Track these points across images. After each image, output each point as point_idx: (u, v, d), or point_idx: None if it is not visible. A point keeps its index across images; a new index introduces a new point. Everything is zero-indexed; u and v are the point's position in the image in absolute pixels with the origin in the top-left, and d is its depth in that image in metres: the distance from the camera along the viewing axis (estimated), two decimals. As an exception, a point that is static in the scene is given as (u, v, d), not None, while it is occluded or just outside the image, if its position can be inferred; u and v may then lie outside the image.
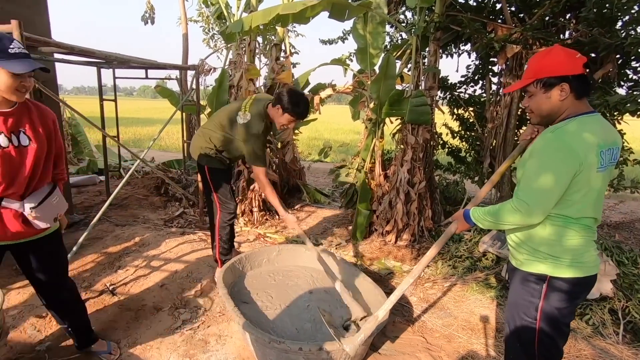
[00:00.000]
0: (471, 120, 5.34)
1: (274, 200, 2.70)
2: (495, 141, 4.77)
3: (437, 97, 4.41)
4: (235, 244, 3.66)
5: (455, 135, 5.44)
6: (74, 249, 2.44)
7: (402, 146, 3.95)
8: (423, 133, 3.90)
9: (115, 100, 4.95)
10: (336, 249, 3.97)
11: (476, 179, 5.33)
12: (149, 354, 2.17)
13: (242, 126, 2.59)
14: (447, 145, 5.47)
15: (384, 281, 3.31)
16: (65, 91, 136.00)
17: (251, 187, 4.56)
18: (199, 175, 2.93)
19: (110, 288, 2.72)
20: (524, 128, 4.90)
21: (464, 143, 5.48)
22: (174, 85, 5.66)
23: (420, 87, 4.02)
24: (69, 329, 2.05)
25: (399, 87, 4.23)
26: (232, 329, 2.40)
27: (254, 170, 2.71)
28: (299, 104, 2.55)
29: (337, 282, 2.41)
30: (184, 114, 5.72)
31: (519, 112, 4.49)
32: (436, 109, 4.32)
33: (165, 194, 5.23)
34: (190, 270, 3.06)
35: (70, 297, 2.00)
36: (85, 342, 2.09)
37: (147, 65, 3.91)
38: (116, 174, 6.12)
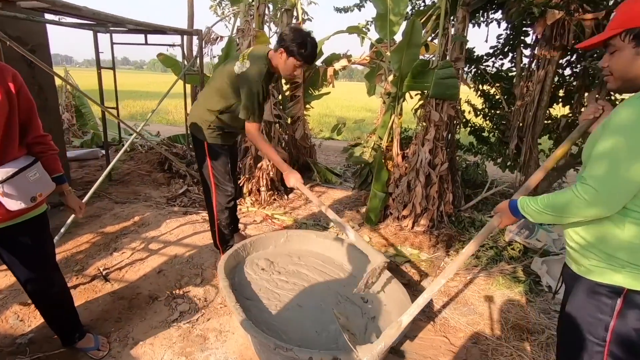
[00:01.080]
0: (497, 97, 4.91)
1: (274, 155, 2.37)
2: (523, 120, 4.37)
3: (463, 70, 4.00)
4: (241, 226, 3.41)
5: (479, 113, 5.03)
6: (62, 230, 2.21)
7: (424, 124, 3.59)
8: (447, 109, 3.52)
9: (113, 69, 4.63)
10: (348, 233, 3.69)
11: (499, 160, 4.96)
12: (141, 351, 1.95)
13: (240, 76, 2.22)
14: (469, 124, 5.08)
15: (401, 271, 3.04)
16: (76, 64, 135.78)
17: (259, 165, 4.27)
18: (195, 151, 2.61)
19: (104, 273, 2.50)
20: (557, 106, 4.48)
21: (487, 122, 5.07)
22: (180, 55, 5.26)
23: (446, 58, 3.61)
24: (53, 326, 1.83)
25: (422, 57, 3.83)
26: (234, 323, 2.17)
27: (246, 127, 2.30)
28: (305, 44, 2.14)
29: (349, 231, 2.18)
30: (188, 85, 5.38)
31: (552, 89, 4.07)
32: (461, 84, 3.92)
33: (169, 170, 4.98)
34: (191, 255, 2.82)
35: (56, 297, 1.76)
36: (72, 339, 1.87)
37: (145, 28, 3.56)
38: (119, 148, 5.88)
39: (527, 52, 4.37)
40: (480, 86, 4.93)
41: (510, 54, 4.66)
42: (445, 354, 2.16)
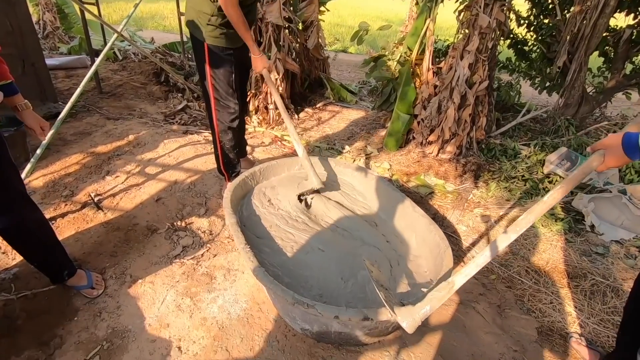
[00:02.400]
0: (549, 2, 4.11)
1: (246, 33, 1.95)
2: (577, 31, 3.68)
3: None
4: (248, 149, 3.05)
5: (522, 22, 4.26)
6: (38, 151, 1.86)
7: (466, 30, 2.96)
8: (497, 13, 2.87)
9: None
10: (366, 159, 3.34)
11: (537, 80, 4.37)
12: (140, 290, 1.74)
13: None
14: (511, 35, 4.35)
15: (425, 203, 2.75)
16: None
17: (266, 78, 3.73)
18: (195, 56, 2.13)
19: (96, 200, 2.22)
20: (618, 15, 3.73)
21: (531, 33, 4.34)
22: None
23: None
24: (36, 265, 1.58)
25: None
26: (244, 261, 1.93)
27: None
28: None
29: (299, 147, 2.09)
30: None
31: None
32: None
33: (166, 83, 4.45)
34: (193, 181, 2.51)
35: (30, 233, 1.47)
36: (60, 276, 1.64)
37: None
38: (110, 55, 5.25)
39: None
40: (529, -12, 4.11)
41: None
42: (477, 299, 1.95)
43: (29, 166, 1.86)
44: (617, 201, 2.51)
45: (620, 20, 3.77)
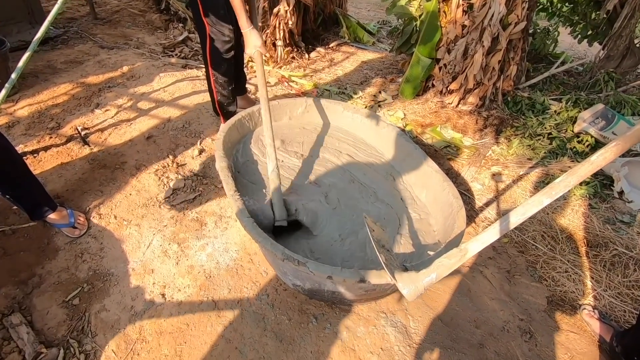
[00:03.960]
0: None
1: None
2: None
3: None
4: (249, 87, 2.80)
5: (570, -47, 3.71)
6: (13, 75, 1.66)
7: (507, -41, 2.53)
8: (548, -63, 2.42)
9: None
10: (379, 106, 3.07)
11: (579, 27, 3.88)
12: (125, 232, 1.63)
13: None
14: (555, -29, 3.81)
15: (439, 157, 2.53)
16: None
17: (275, 10, 3.37)
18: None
19: (83, 134, 2.06)
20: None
21: (579, -31, 3.78)
22: None
23: None
24: (10, 200, 1.46)
25: None
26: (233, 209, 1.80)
27: None
28: None
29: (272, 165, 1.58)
30: None
31: None
32: None
33: (167, 11, 4.08)
34: (188, 120, 2.31)
35: None
36: (38, 212, 1.53)
37: None
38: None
39: None
40: None
41: None
42: (486, 263, 1.81)
43: (3, 92, 1.68)
44: (654, 167, 2.26)
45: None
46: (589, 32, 3.81)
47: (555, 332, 1.57)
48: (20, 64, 1.73)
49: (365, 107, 3.00)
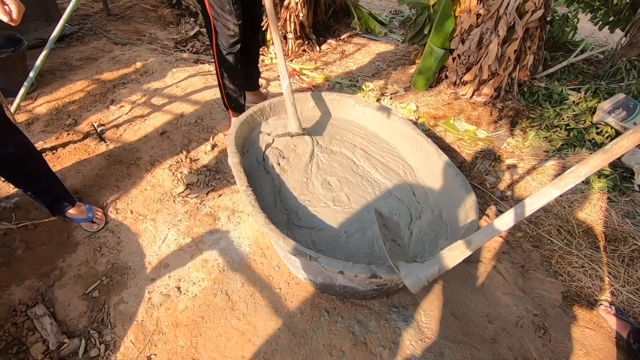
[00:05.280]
0: None
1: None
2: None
3: None
4: (262, 81, 2.81)
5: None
6: (31, 74, 1.70)
7: (524, -56, 2.45)
8: None
9: None
10: (391, 98, 3.04)
11: (600, 13, 3.75)
12: (141, 226, 1.67)
13: None
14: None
15: (452, 150, 2.50)
16: None
17: (285, 2, 3.35)
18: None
19: (99, 130, 2.10)
20: None
21: (601, -48, 3.64)
22: None
23: None
24: (30, 196, 1.50)
25: None
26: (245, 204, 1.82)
27: None
28: None
29: (285, 80, 1.82)
30: None
31: None
32: None
33: (179, 6, 4.10)
34: (201, 115, 2.34)
35: (16, 162, 1.36)
36: (58, 207, 1.57)
37: None
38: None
39: None
40: None
41: None
42: (499, 257, 1.80)
43: (22, 90, 1.72)
44: (677, 159, 2.19)
45: None
46: (611, 18, 3.68)
47: (570, 327, 1.55)
48: (38, 62, 1.77)
49: (377, 100, 2.97)
